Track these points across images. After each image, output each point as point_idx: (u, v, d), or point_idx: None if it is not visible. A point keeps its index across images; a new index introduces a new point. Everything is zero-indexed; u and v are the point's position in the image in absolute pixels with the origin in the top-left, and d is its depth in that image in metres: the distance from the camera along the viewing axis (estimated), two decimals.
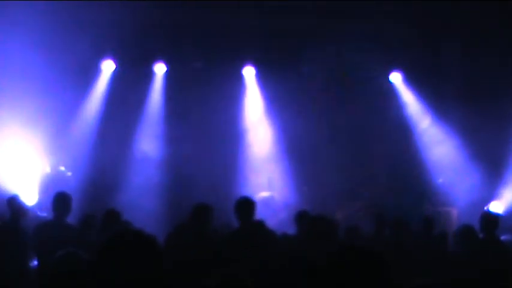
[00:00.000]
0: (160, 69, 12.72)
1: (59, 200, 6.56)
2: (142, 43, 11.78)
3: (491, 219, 6.48)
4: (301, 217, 7.16)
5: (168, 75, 12.81)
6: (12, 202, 6.69)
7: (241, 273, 3.21)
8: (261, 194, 11.41)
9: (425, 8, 11.16)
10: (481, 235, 6.46)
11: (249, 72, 13.06)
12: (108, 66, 12.37)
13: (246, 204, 6.32)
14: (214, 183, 12.01)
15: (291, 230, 7.84)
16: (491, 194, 11.82)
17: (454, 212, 11.79)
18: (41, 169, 10.83)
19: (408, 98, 13.28)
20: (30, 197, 10.05)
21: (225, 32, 11.85)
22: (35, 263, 6.50)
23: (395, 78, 13.30)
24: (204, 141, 12.47)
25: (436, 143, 12.79)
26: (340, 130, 12.95)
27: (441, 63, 12.84)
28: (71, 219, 7.30)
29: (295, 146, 12.64)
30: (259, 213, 6.72)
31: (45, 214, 8.71)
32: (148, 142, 12.40)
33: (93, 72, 12.34)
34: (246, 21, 11.64)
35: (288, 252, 5.72)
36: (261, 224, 6.30)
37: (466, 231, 6.69)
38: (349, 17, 11.45)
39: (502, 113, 12.00)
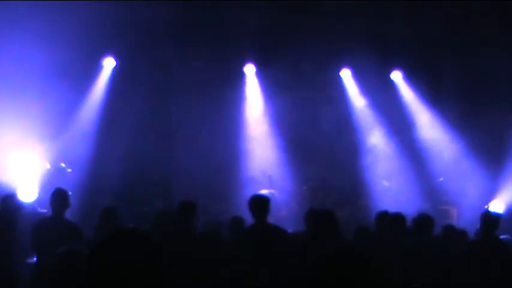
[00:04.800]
0: (161, 65, 12.75)
1: (57, 196, 6.53)
2: (144, 41, 11.79)
3: (491, 219, 6.45)
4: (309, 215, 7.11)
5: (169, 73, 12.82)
6: (8, 200, 6.64)
7: (252, 271, 3.20)
8: (261, 192, 11.38)
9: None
10: (480, 235, 6.46)
11: (249, 70, 13.08)
12: (108, 64, 12.39)
13: (262, 202, 6.28)
14: (215, 180, 12.03)
15: (291, 228, 7.84)
16: (491, 193, 11.83)
17: (454, 211, 11.78)
18: (41, 165, 10.82)
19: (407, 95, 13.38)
20: (30, 193, 10.07)
21: (225, 30, 11.86)
22: (34, 259, 6.50)
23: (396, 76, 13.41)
24: (206, 138, 12.46)
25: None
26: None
27: (440, 62, 12.87)
28: (73, 215, 7.33)
29: (295, 143, 12.64)
30: None
31: (45, 210, 8.71)
32: (150, 138, 12.40)
33: (94, 69, 12.34)
34: (246, 20, 11.65)
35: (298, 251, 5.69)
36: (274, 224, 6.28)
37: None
38: (349, 17, 11.48)
39: (501, 111, 12.03)
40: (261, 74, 13.04)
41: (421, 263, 5.98)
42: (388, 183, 12.49)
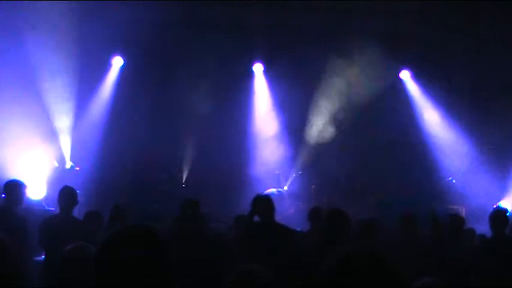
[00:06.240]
0: (169, 64, 12.78)
1: (65, 194, 6.52)
2: (152, 40, 11.81)
3: (501, 216, 6.39)
4: (314, 214, 7.09)
5: (176, 70, 12.82)
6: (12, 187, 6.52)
7: (258, 270, 3.17)
8: (269, 190, 11.35)
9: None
10: (490, 232, 6.41)
11: (258, 69, 13.09)
12: (117, 62, 12.44)
13: (266, 202, 6.25)
14: (223, 177, 12.04)
15: (299, 226, 7.81)
16: (500, 191, 11.77)
17: (463, 211, 11.72)
18: (49, 164, 10.85)
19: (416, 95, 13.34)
20: (38, 191, 10.10)
21: (234, 29, 11.87)
22: (42, 257, 6.50)
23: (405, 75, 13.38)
24: (212, 136, 12.46)
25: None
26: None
27: (449, 61, 12.83)
28: (80, 213, 7.32)
29: (304, 142, 12.64)
30: None
31: (52, 209, 8.72)
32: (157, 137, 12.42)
33: (103, 68, 12.38)
34: (255, 19, 11.66)
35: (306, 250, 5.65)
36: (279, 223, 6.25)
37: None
38: (358, 15, 11.47)
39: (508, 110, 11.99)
40: (269, 72, 13.04)
41: (432, 262, 5.94)
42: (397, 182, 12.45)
